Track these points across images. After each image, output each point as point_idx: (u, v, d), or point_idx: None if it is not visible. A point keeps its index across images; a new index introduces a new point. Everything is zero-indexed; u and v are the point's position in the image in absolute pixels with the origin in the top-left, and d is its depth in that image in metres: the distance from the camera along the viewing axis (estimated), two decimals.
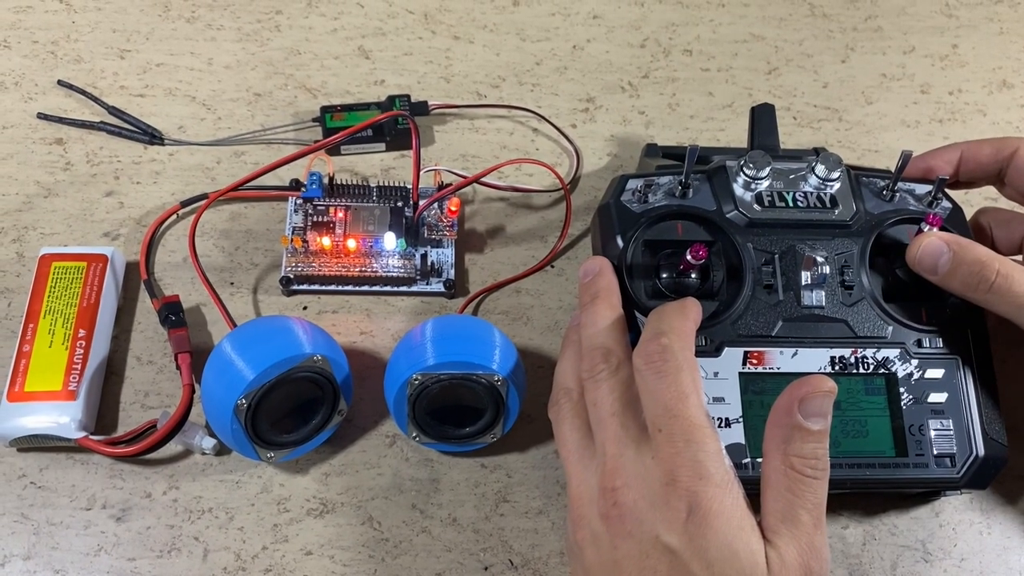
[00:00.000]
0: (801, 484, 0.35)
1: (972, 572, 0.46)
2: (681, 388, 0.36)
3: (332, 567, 0.44)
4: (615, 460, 0.36)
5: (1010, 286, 0.41)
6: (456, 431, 0.44)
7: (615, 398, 0.38)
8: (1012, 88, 0.62)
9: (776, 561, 0.34)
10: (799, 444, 0.35)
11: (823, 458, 0.35)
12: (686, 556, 0.34)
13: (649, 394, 0.37)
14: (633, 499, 0.35)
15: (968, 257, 0.42)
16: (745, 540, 0.34)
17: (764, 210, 0.46)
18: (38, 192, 0.52)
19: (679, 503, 0.34)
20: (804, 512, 0.35)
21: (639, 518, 0.35)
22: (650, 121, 0.59)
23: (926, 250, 0.43)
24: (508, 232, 0.54)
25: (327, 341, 0.44)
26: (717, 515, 0.34)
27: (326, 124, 0.55)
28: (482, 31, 0.61)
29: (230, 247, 0.51)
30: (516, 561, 0.44)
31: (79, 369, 0.45)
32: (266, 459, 0.43)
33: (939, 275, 0.42)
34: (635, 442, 0.37)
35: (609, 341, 0.40)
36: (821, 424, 0.35)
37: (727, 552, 0.34)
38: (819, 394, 0.35)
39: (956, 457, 0.43)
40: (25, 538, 0.43)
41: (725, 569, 0.33)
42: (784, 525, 0.35)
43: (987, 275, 0.41)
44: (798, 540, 0.34)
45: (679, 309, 0.40)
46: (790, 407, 0.35)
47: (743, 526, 0.34)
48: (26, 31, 0.58)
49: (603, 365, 0.39)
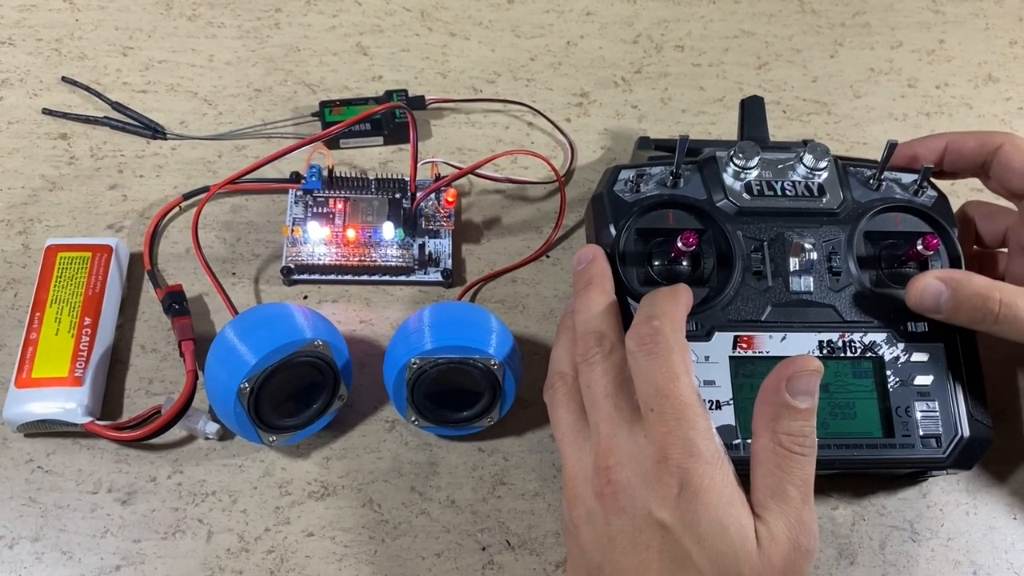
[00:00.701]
0: (789, 461, 0.36)
1: (959, 551, 0.47)
2: (672, 369, 0.37)
3: (333, 548, 0.45)
4: (609, 440, 0.37)
5: (1016, 314, 0.41)
6: (454, 415, 0.45)
7: (608, 380, 0.39)
8: (997, 82, 0.63)
9: (765, 535, 0.35)
10: (787, 422, 0.36)
11: (810, 435, 0.36)
12: (678, 531, 0.35)
13: (641, 375, 0.38)
14: (626, 477, 0.36)
15: (968, 292, 0.42)
16: (735, 515, 0.35)
17: (753, 199, 0.47)
18: (43, 186, 0.53)
19: (671, 480, 0.35)
20: (792, 488, 0.36)
21: (632, 495, 0.36)
22: (643, 115, 0.60)
23: (926, 292, 0.43)
24: (504, 223, 0.55)
25: (327, 327, 0.45)
26: (708, 491, 0.35)
27: (325, 118, 0.56)
28: (477, 28, 0.63)
29: (232, 238, 0.53)
30: (513, 541, 0.45)
31: (85, 356, 0.46)
32: (268, 443, 0.44)
33: (943, 314, 0.43)
34: (628, 422, 0.38)
35: (602, 326, 0.41)
36: (808, 402, 0.36)
37: (717, 527, 0.34)
38: (806, 373, 0.36)
39: (942, 438, 0.44)
40: (33, 521, 0.44)
41: (715, 543, 0.34)
42: (773, 501, 0.36)
43: (991, 307, 0.41)
44: (787, 515, 0.35)
45: (670, 294, 0.41)
46: (778, 386, 0.36)
47: (733, 502, 0.35)
48: (30, 29, 0.59)
49: (596, 349, 0.40)
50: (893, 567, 0.46)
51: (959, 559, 0.46)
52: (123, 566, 0.43)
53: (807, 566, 0.35)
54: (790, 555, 0.35)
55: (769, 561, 0.34)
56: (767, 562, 0.34)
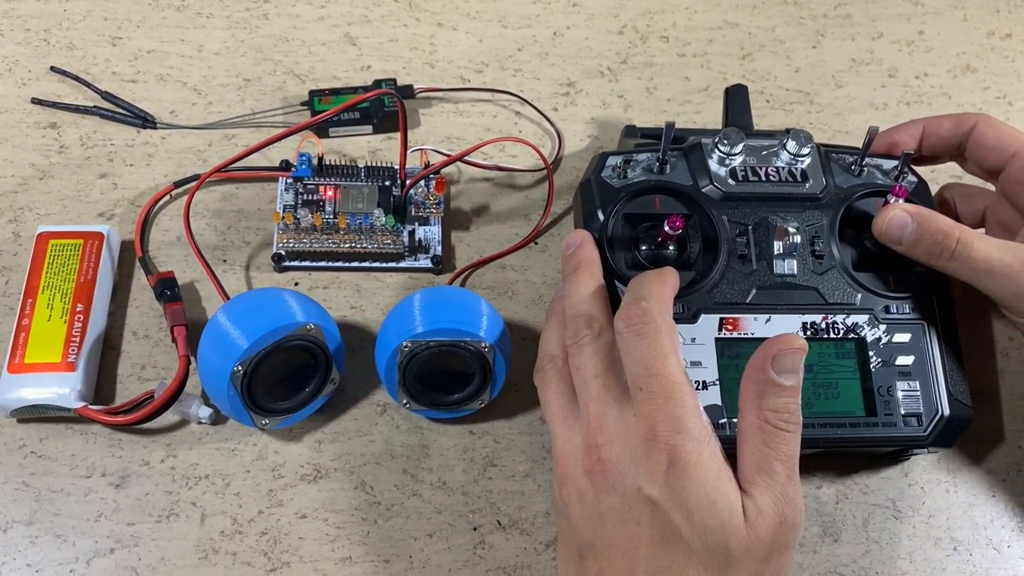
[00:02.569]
0: (775, 437, 0.37)
1: (939, 528, 0.48)
2: (660, 348, 0.38)
3: (326, 529, 0.45)
4: (598, 419, 0.38)
5: (969, 252, 0.43)
6: (445, 397, 0.46)
7: (597, 361, 0.40)
8: (975, 72, 0.65)
9: (752, 509, 0.36)
10: (772, 399, 0.37)
11: (795, 412, 0.37)
12: (667, 506, 0.35)
13: (630, 355, 0.38)
14: (616, 455, 0.37)
15: (931, 227, 0.44)
16: (723, 490, 0.36)
17: (738, 184, 0.48)
18: (33, 174, 0.53)
19: (659, 456, 0.36)
20: (778, 463, 0.36)
21: (622, 472, 0.37)
22: (629, 104, 0.61)
23: (892, 222, 0.45)
24: (493, 210, 0.55)
25: (319, 311, 0.45)
26: (696, 467, 0.36)
27: (314, 107, 0.56)
28: (465, 18, 0.63)
29: (222, 226, 0.53)
30: (504, 521, 0.46)
31: (77, 341, 0.46)
32: (261, 426, 0.45)
33: (904, 245, 0.45)
34: (617, 402, 0.38)
35: (591, 308, 0.42)
36: (793, 380, 0.37)
37: (705, 502, 0.35)
38: (790, 351, 0.37)
39: (923, 416, 0.45)
40: (27, 505, 0.44)
41: (704, 517, 0.35)
42: (759, 476, 0.36)
43: (948, 244, 0.43)
44: (773, 490, 0.36)
45: (657, 276, 0.41)
46: (763, 364, 0.37)
47: (720, 477, 0.36)
48: (19, 19, 0.59)
49: (586, 331, 0.41)
50: (876, 544, 0.47)
51: (940, 535, 0.48)
52: (117, 549, 0.44)
53: (793, 539, 0.36)
54: (777, 529, 0.35)
55: (756, 535, 0.35)
56: (754, 535, 0.35)
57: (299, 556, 0.44)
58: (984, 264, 0.43)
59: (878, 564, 0.47)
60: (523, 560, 0.45)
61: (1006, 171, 0.48)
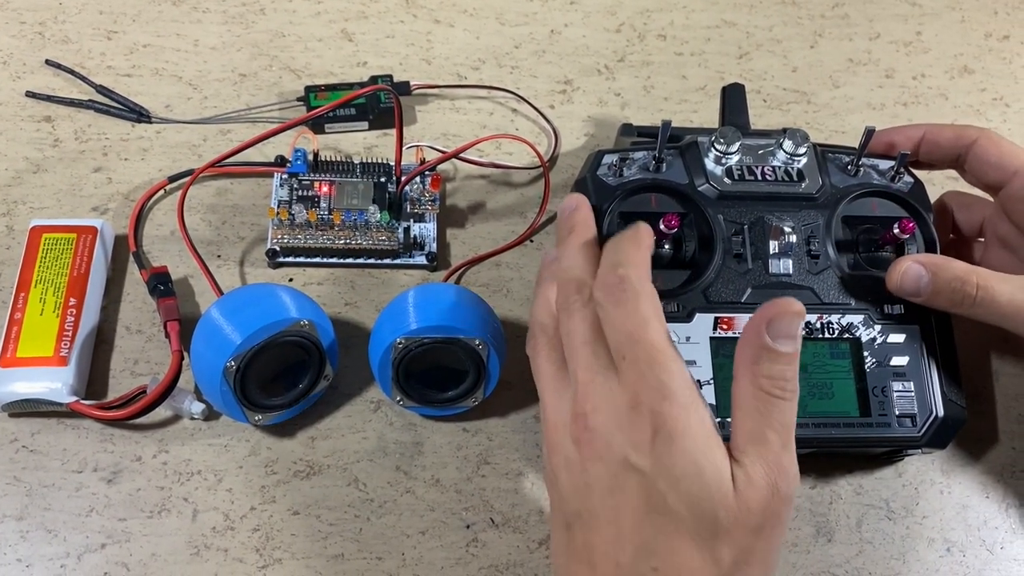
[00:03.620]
0: (769, 405, 0.35)
1: (933, 529, 0.48)
2: (641, 315, 0.36)
3: (319, 526, 0.45)
4: (586, 386, 0.37)
5: (993, 297, 0.42)
6: (439, 395, 0.46)
7: (587, 327, 0.38)
8: (972, 73, 0.65)
9: (742, 479, 0.34)
10: (768, 365, 0.35)
11: (792, 380, 0.35)
12: (653, 475, 0.34)
13: (610, 324, 0.37)
14: (603, 422, 0.36)
15: (947, 276, 0.43)
16: (711, 458, 0.34)
17: (734, 183, 0.48)
18: (27, 168, 0.53)
19: (644, 424, 0.35)
20: (772, 432, 0.35)
21: (608, 441, 0.35)
22: (626, 103, 0.61)
23: (906, 275, 0.44)
24: (488, 208, 0.55)
25: (313, 307, 0.45)
26: (682, 434, 0.34)
27: (310, 103, 0.56)
28: (462, 15, 0.63)
29: (217, 221, 0.53)
30: (497, 519, 0.46)
31: (70, 336, 0.46)
32: (254, 422, 0.45)
33: (923, 297, 0.44)
34: (605, 369, 0.37)
35: (583, 273, 0.40)
36: (790, 346, 0.35)
37: (692, 469, 0.34)
38: (787, 315, 0.35)
39: (917, 417, 0.45)
40: (18, 499, 0.44)
41: (690, 486, 0.34)
42: (751, 445, 0.35)
43: (969, 291, 0.42)
44: (765, 459, 0.34)
45: (632, 239, 0.39)
46: (759, 328, 0.35)
47: (709, 444, 0.34)
48: (13, 12, 0.59)
49: (576, 296, 0.39)
50: (869, 544, 0.47)
51: (933, 536, 0.48)
52: (108, 544, 0.44)
53: (786, 512, 0.35)
54: (768, 499, 0.34)
55: (746, 505, 0.34)
56: (744, 506, 0.34)
57: (291, 553, 0.44)
58: (1010, 307, 0.42)
59: (871, 564, 0.47)
60: (516, 558, 0.45)
61: (1006, 189, 0.47)
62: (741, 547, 0.34)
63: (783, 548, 0.46)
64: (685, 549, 0.34)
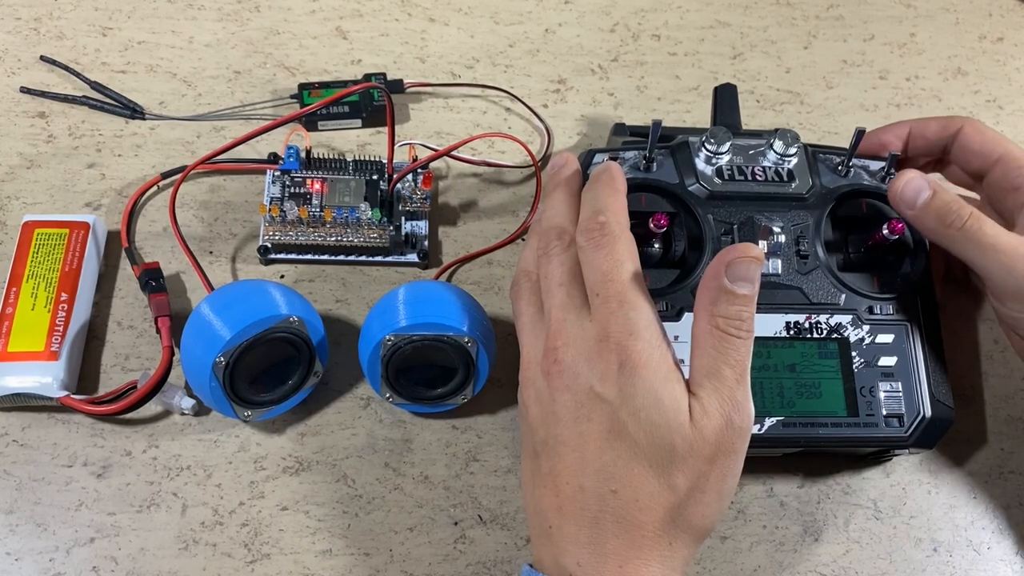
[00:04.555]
0: (725, 343, 0.37)
1: (920, 529, 0.48)
2: (616, 257, 0.39)
3: (307, 522, 0.45)
4: (559, 324, 0.39)
5: (981, 226, 0.43)
6: (428, 392, 0.46)
7: (564, 271, 0.40)
8: (966, 75, 0.65)
9: (698, 410, 0.36)
10: (725, 306, 0.37)
11: (748, 320, 0.37)
12: (616, 404, 0.36)
13: (588, 265, 0.39)
14: (572, 356, 0.38)
15: (946, 196, 0.44)
16: (670, 390, 0.36)
17: (724, 183, 0.48)
18: (20, 163, 0.53)
19: (611, 357, 0.37)
20: (727, 368, 0.37)
21: (576, 372, 0.38)
22: (619, 102, 0.61)
23: (909, 184, 0.45)
24: (480, 206, 0.55)
25: (303, 304, 0.45)
26: (645, 367, 0.36)
27: (304, 101, 0.56)
28: (457, 14, 0.63)
29: (209, 218, 0.53)
30: (485, 516, 0.46)
31: (61, 331, 0.46)
32: (243, 418, 0.45)
33: (916, 210, 0.44)
34: (577, 308, 0.39)
35: (564, 222, 0.42)
36: (747, 289, 0.37)
37: (652, 399, 0.36)
38: (745, 260, 0.37)
39: (904, 417, 0.45)
40: (8, 493, 0.44)
41: (651, 415, 0.36)
42: (708, 380, 0.37)
43: (961, 213, 0.43)
44: (720, 393, 0.37)
45: (608, 184, 0.42)
46: (718, 271, 0.38)
47: (669, 378, 0.37)
48: (9, 7, 0.59)
49: (556, 242, 0.41)
50: (857, 544, 0.47)
51: (920, 536, 0.48)
52: (97, 538, 0.44)
53: (740, 444, 0.37)
54: (722, 430, 0.36)
55: (701, 434, 0.36)
56: (699, 434, 0.36)
57: (279, 548, 0.44)
58: (992, 240, 0.43)
59: (858, 564, 0.47)
60: (504, 555, 0.45)
61: (989, 176, 0.48)
62: (696, 474, 0.36)
63: (770, 545, 0.47)
64: (643, 474, 0.36)
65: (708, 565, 0.46)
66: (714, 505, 0.37)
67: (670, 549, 0.37)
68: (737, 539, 0.47)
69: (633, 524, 0.36)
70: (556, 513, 0.38)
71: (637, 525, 0.36)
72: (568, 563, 0.37)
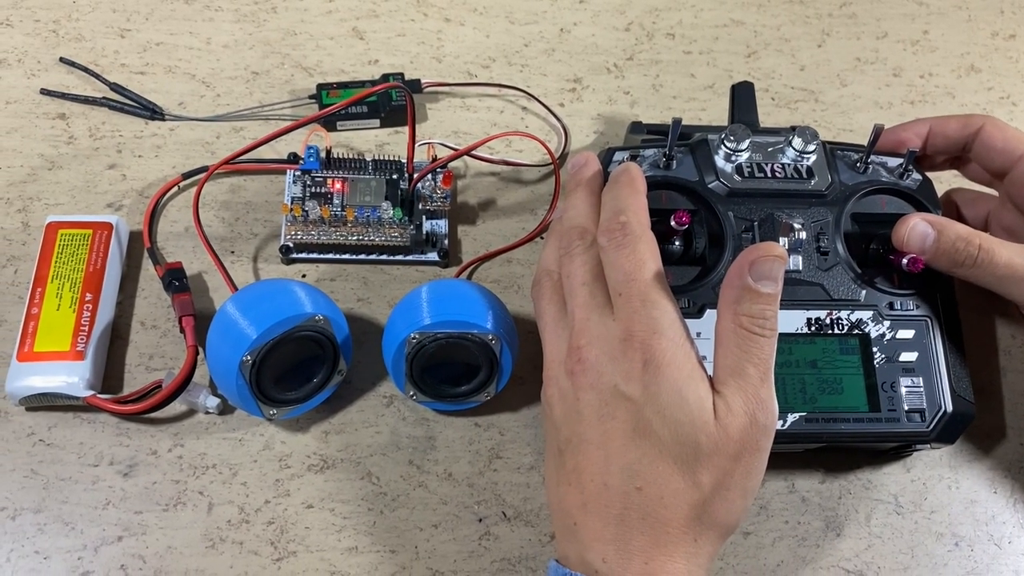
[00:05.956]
0: (749, 341, 0.37)
1: (941, 524, 0.48)
2: (638, 256, 0.39)
3: (332, 519, 0.45)
4: (582, 323, 0.39)
5: (992, 259, 0.43)
6: (452, 389, 0.46)
7: (586, 270, 0.41)
8: (979, 72, 0.65)
9: (723, 408, 0.37)
10: (748, 304, 0.37)
11: (771, 319, 0.38)
12: (640, 402, 0.37)
13: (611, 265, 0.40)
14: (595, 355, 0.38)
15: (952, 235, 0.44)
16: (694, 388, 0.37)
17: (744, 180, 0.48)
18: (42, 164, 0.54)
19: (635, 355, 0.37)
20: (751, 367, 0.37)
21: (600, 371, 0.38)
22: (635, 101, 0.61)
23: (913, 231, 0.45)
24: (499, 205, 0.56)
25: (328, 303, 0.46)
26: (669, 365, 0.37)
27: (322, 101, 0.57)
28: (472, 14, 0.63)
29: (230, 218, 0.53)
30: (509, 513, 0.46)
31: (86, 331, 0.46)
32: (268, 416, 0.45)
33: (927, 255, 0.45)
34: (600, 307, 0.39)
35: (586, 221, 0.43)
36: (771, 287, 0.37)
37: (676, 397, 0.36)
38: (768, 259, 0.38)
39: (926, 412, 0.45)
40: (35, 492, 0.45)
41: (675, 413, 0.36)
42: (732, 378, 0.37)
43: (971, 251, 0.44)
44: (744, 391, 0.37)
45: (629, 184, 0.42)
46: (741, 270, 0.38)
47: (693, 376, 0.37)
48: (28, 10, 0.59)
49: (578, 242, 0.42)
50: (878, 539, 0.47)
51: (941, 531, 0.48)
52: (125, 537, 0.44)
53: (765, 441, 0.37)
54: (747, 428, 0.37)
55: (725, 431, 0.36)
56: (724, 432, 0.36)
57: (305, 546, 0.45)
58: (1007, 270, 0.43)
59: (880, 559, 0.47)
60: (528, 551, 0.46)
61: (1011, 174, 0.48)
62: (721, 472, 0.37)
63: (793, 541, 0.47)
64: (668, 472, 0.36)
65: (731, 560, 0.46)
66: (739, 502, 0.38)
67: (695, 546, 0.37)
68: (760, 534, 0.47)
69: (658, 521, 0.36)
70: (581, 510, 0.38)
71: (662, 522, 0.36)
72: (593, 559, 0.37)
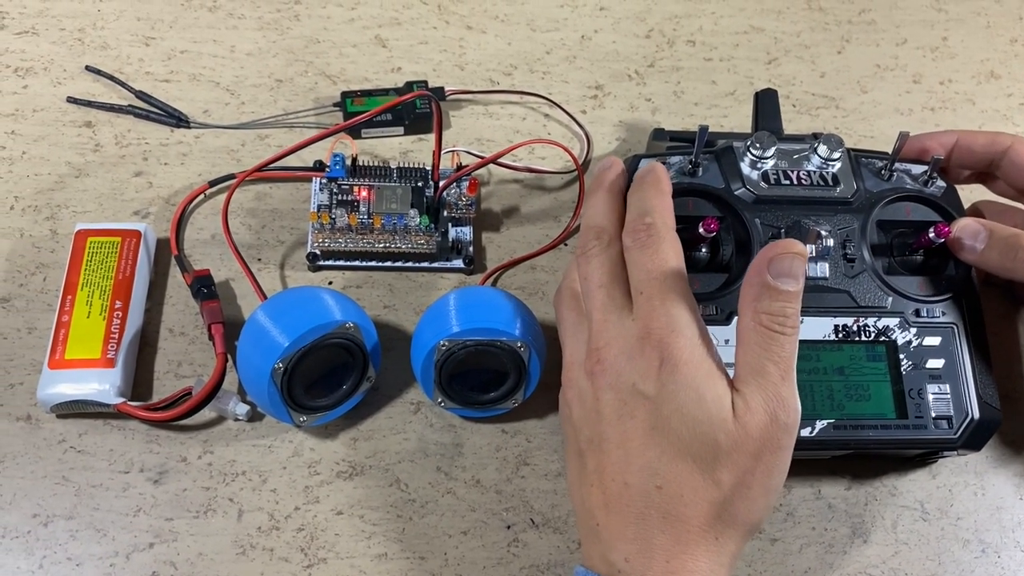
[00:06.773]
0: (769, 339, 0.37)
1: (967, 530, 0.48)
2: (661, 256, 0.39)
3: (362, 526, 0.46)
4: (600, 325, 0.40)
5: None
6: (480, 396, 0.47)
7: (603, 271, 0.41)
8: (999, 79, 0.65)
9: (742, 406, 0.36)
10: (768, 302, 0.37)
11: (792, 316, 0.37)
12: (658, 401, 0.37)
13: (634, 264, 0.40)
14: (614, 355, 0.39)
15: (1003, 233, 0.45)
16: (712, 386, 0.37)
17: (770, 187, 0.48)
18: (69, 172, 0.54)
19: (652, 353, 0.37)
20: (771, 365, 0.37)
21: (618, 371, 0.38)
22: (656, 108, 0.61)
23: (965, 230, 0.46)
24: (523, 212, 0.56)
25: (357, 310, 0.46)
26: (687, 363, 0.37)
27: (347, 109, 0.57)
28: (494, 21, 0.64)
29: (257, 225, 0.53)
30: (537, 520, 0.47)
31: (117, 338, 0.47)
32: (299, 423, 0.45)
33: (976, 253, 0.46)
34: (619, 309, 0.40)
35: (604, 221, 0.43)
36: (791, 285, 0.37)
37: (694, 395, 0.36)
38: (788, 255, 0.37)
39: (953, 419, 0.45)
40: (67, 499, 0.45)
41: (693, 411, 0.36)
42: (752, 376, 0.37)
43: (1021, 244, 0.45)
44: (764, 390, 0.37)
45: (655, 186, 0.43)
46: (761, 267, 0.38)
47: (711, 374, 0.37)
48: (53, 19, 0.60)
49: (595, 242, 0.42)
50: (905, 545, 0.47)
51: (968, 537, 0.48)
52: (156, 543, 0.44)
53: (786, 439, 0.37)
54: (767, 426, 0.36)
55: (744, 430, 0.36)
56: (742, 431, 0.36)
57: (335, 552, 0.45)
58: None
59: (907, 565, 0.47)
60: (556, 558, 0.46)
61: None
62: (741, 470, 0.37)
63: (820, 547, 0.47)
64: (687, 470, 0.37)
65: (759, 567, 0.47)
66: (760, 500, 0.38)
67: (717, 544, 0.37)
68: (787, 541, 0.47)
69: (679, 519, 0.37)
70: (602, 510, 0.38)
71: (683, 520, 0.37)
72: (616, 559, 0.37)
